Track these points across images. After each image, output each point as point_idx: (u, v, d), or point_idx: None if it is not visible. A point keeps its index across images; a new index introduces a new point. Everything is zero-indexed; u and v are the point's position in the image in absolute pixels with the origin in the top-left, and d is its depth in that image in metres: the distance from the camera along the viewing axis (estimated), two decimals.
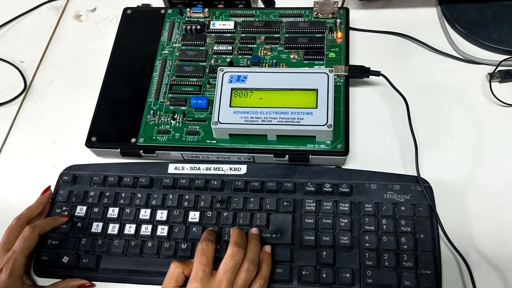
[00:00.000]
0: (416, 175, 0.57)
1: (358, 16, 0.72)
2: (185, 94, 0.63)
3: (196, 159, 0.61)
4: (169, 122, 0.62)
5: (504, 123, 0.62)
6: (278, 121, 0.57)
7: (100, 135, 0.62)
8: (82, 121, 0.65)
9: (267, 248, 0.54)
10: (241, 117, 0.57)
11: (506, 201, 0.57)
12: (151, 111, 0.62)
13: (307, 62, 0.64)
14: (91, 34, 0.77)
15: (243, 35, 0.67)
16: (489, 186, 0.58)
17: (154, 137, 0.61)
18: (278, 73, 0.60)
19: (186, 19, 0.70)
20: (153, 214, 0.58)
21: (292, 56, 0.65)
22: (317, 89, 0.58)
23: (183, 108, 0.62)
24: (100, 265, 0.56)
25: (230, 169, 0.60)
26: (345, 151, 0.57)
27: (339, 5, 0.69)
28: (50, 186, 0.61)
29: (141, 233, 0.57)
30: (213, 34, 0.68)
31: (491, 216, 0.56)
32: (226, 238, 0.55)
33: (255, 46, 0.66)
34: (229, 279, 0.48)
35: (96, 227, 0.58)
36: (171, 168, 0.61)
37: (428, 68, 0.67)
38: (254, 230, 0.55)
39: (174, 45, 0.68)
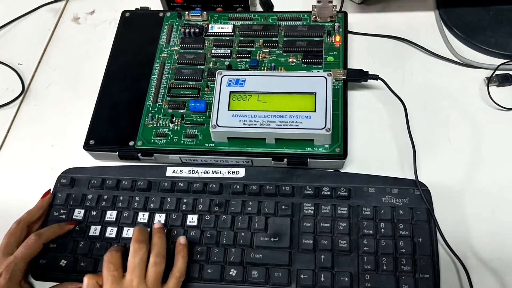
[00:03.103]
0: (414, 178, 0.57)
1: (356, 20, 0.72)
2: (183, 97, 0.63)
3: (194, 163, 0.61)
4: (167, 125, 0.62)
5: (502, 127, 0.62)
6: (276, 125, 0.57)
7: (98, 138, 0.62)
8: (80, 124, 0.65)
9: (181, 239, 0.54)
10: (240, 121, 0.57)
11: (504, 204, 0.57)
12: (150, 114, 0.62)
13: (305, 65, 0.64)
14: (90, 36, 0.77)
15: (242, 38, 0.67)
16: (487, 189, 0.58)
17: (152, 140, 0.61)
18: (277, 76, 0.60)
19: (185, 22, 0.70)
20: (151, 218, 0.58)
21: (290, 60, 0.65)
22: (315, 93, 0.58)
23: (181, 111, 0.62)
24: (98, 268, 0.56)
25: (229, 172, 0.60)
26: (343, 155, 0.57)
27: (338, 9, 0.69)
28: (50, 190, 0.61)
29: None
30: (212, 37, 0.68)
31: (489, 220, 0.56)
32: (224, 241, 0.55)
33: (253, 49, 0.66)
34: (139, 276, 0.49)
35: (94, 230, 0.58)
36: (169, 171, 0.61)
37: (426, 72, 0.67)
38: (156, 224, 0.55)
39: (173, 48, 0.68)
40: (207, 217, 0.57)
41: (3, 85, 0.73)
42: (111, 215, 0.58)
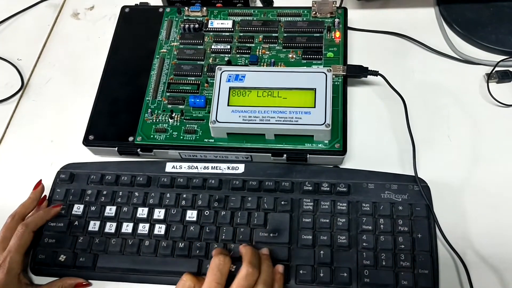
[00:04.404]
0: (413, 174, 0.57)
1: (356, 16, 0.72)
2: (183, 93, 0.63)
3: (194, 158, 0.61)
4: (167, 120, 0.61)
5: (502, 124, 0.62)
6: (276, 120, 0.57)
7: (97, 133, 0.62)
8: (79, 119, 0.65)
9: (280, 268, 0.52)
10: (239, 116, 0.57)
11: (504, 201, 0.57)
12: (149, 110, 0.62)
13: (305, 61, 0.64)
14: (89, 32, 0.77)
15: (241, 34, 0.67)
16: (487, 186, 0.58)
17: (152, 136, 0.61)
18: (276, 72, 0.60)
19: (184, 17, 0.70)
20: (150, 213, 0.58)
21: (290, 56, 0.65)
22: (315, 89, 0.58)
23: (181, 106, 0.62)
24: (97, 263, 0.56)
25: (228, 168, 0.60)
26: (343, 151, 0.57)
27: (337, 5, 0.69)
28: (41, 180, 0.61)
29: (139, 232, 0.57)
30: (211, 33, 0.68)
31: (488, 216, 0.56)
32: (223, 237, 0.55)
33: (253, 45, 0.66)
34: None
35: (93, 225, 0.58)
36: (169, 167, 0.61)
37: (426, 68, 0.67)
38: (265, 251, 0.53)
39: (172, 43, 0.68)
40: (207, 213, 0.57)
41: (3, 80, 0.73)
42: (110, 211, 0.58)
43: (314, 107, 0.57)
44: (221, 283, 0.47)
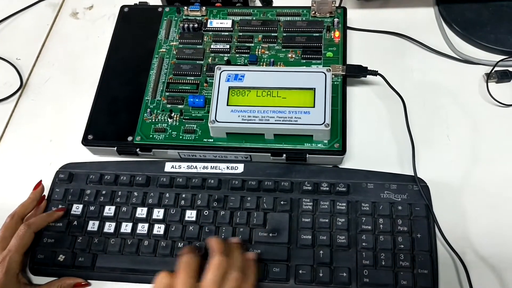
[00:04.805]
0: (413, 174, 0.57)
1: (355, 16, 0.72)
2: (182, 93, 0.63)
3: (193, 158, 0.61)
4: (166, 120, 0.61)
5: (501, 123, 0.62)
6: (275, 120, 0.56)
7: (96, 133, 0.62)
8: (78, 119, 0.65)
9: (251, 255, 0.52)
10: (239, 116, 0.57)
11: (503, 200, 0.57)
12: (148, 109, 0.62)
13: (304, 61, 0.64)
14: (88, 31, 0.77)
15: (241, 33, 0.67)
16: (486, 185, 0.58)
17: (151, 136, 0.61)
18: (276, 72, 0.60)
19: (184, 17, 0.70)
20: (149, 213, 0.58)
21: (289, 55, 0.65)
22: (314, 88, 0.58)
23: (180, 106, 0.62)
24: (96, 263, 0.56)
25: (227, 168, 0.60)
26: (342, 151, 0.57)
27: (337, 4, 0.69)
28: (41, 180, 0.61)
29: (138, 231, 0.57)
30: (211, 33, 0.68)
31: (487, 216, 0.56)
32: (222, 237, 0.55)
33: (252, 44, 0.66)
34: None
35: (92, 225, 0.58)
36: (168, 167, 0.61)
37: (425, 68, 0.67)
38: (234, 239, 0.53)
39: (172, 43, 0.68)
40: (206, 213, 0.57)
41: (1, 80, 0.73)
42: (109, 210, 0.58)
43: (314, 107, 0.57)
44: (193, 276, 0.47)
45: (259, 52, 0.65)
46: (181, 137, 0.60)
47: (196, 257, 0.49)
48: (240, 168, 0.60)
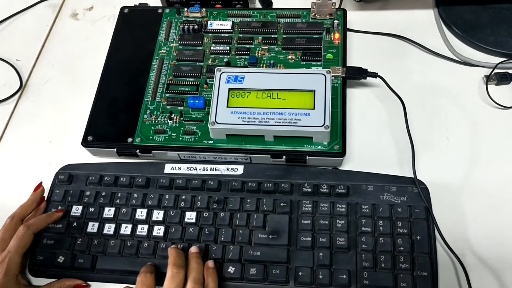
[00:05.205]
0: (412, 176, 0.57)
1: (355, 18, 0.72)
2: (182, 94, 0.63)
3: (192, 159, 0.61)
4: (166, 122, 0.61)
5: (500, 126, 0.62)
6: (275, 122, 0.57)
7: (96, 134, 0.62)
8: (78, 120, 0.65)
9: (210, 263, 0.53)
10: (238, 118, 0.57)
11: (502, 202, 0.57)
12: (148, 111, 0.62)
13: (304, 63, 0.64)
14: (88, 33, 0.77)
15: (241, 35, 0.67)
16: (485, 187, 0.58)
17: (150, 137, 0.61)
18: (276, 73, 0.60)
19: (184, 18, 0.70)
20: (149, 214, 0.58)
21: (289, 57, 0.65)
22: (314, 90, 0.58)
23: (180, 108, 0.62)
24: (95, 265, 0.56)
25: (227, 169, 0.60)
26: (342, 152, 0.57)
27: (337, 6, 0.69)
28: (41, 182, 0.60)
29: (137, 233, 0.57)
30: (211, 34, 0.68)
31: (487, 218, 0.56)
32: (222, 238, 0.55)
33: (252, 46, 0.66)
34: None
35: (92, 227, 0.58)
36: (168, 168, 0.61)
37: (425, 70, 0.67)
38: (193, 249, 0.54)
39: (171, 44, 0.68)
40: (206, 214, 0.57)
41: (1, 80, 0.73)
42: (109, 212, 0.58)
43: (314, 108, 0.57)
44: None
45: (259, 54, 0.65)
46: (181, 138, 0.60)
47: (151, 275, 0.51)
48: (240, 169, 0.60)
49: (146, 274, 0.51)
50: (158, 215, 0.57)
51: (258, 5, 0.75)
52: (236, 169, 0.60)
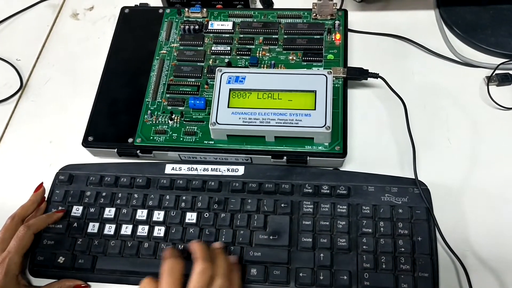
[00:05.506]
0: (413, 177, 0.57)
1: (356, 18, 0.72)
2: (183, 94, 0.63)
3: (193, 160, 0.61)
4: (166, 122, 0.61)
5: (501, 127, 0.62)
6: (276, 122, 0.56)
7: (97, 134, 0.62)
8: (79, 120, 0.64)
9: (233, 258, 0.52)
10: (239, 118, 0.57)
11: (504, 203, 0.57)
12: (149, 111, 0.62)
13: (305, 63, 0.64)
14: (88, 33, 0.77)
15: (242, 35, 0.67)
16: (487, 189, 0.58)
17: (151, 137, 0.60)
18: (277, 74, 0.60)
19: (184, 19, 0.70)
20: (149, 215, 0.58)
21: (290, 57, 0.65)
22: (315, 91, 0.58)
23: (180, 108, 0.62)
24: (96, 265, 0.56)
25: (228, 170, 0.60)
26: (343, 153, 0.57)
27: (338, 7, 0.69)
28: (42, 183, 0.60)
29: (138, 233, 0.57)
30: (211, 35, 0.68)
31: (488, 219, 0.56)
32: (223, 239, 0.55)
33: (253, 47, 0.66)
34: None
35: (92, 227, 0.57)
36: (168, 169, 0.61)
37: (426, 71, 0.67)
38: (217, 244, 0.53)
39: (172, 45, 0.68)
40: (206, 215, 0.57)
41: (1, 80, 0.73)
42: (109, 212, 0.58)
43: (315, 109, 0.57)
44: (177, 282, 0.46)
45: (260, 54, 0.65)
46: (181, 139, 0.60)
47: (180, 262, 0.48)
48: (240, 170, 0.60)
49: (176, 259, 0.48)
50: (158, 215, 0.57)
51: (259, 5, 0.75)
52: (236, 170, 0.60)
